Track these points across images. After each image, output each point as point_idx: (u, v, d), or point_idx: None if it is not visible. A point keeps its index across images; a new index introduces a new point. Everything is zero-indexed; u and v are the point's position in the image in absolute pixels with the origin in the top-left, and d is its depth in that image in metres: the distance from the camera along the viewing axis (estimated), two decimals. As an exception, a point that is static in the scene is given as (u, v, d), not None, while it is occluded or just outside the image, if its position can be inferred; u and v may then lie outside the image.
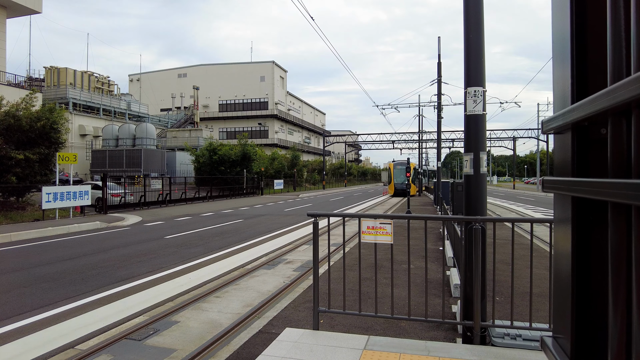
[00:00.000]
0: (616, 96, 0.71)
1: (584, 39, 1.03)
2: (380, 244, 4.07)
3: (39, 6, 28.42)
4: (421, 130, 39.71)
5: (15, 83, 28.95)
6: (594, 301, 0.99)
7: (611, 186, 0.74)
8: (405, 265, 7.64)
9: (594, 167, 1.00)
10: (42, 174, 17.73)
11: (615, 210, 0.78)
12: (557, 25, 1.17)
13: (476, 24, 4.15)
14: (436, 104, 24.15)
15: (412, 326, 4.92)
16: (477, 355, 3.37)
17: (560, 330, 1.10)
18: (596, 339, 0.97)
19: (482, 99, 4.12)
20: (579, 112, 0.91)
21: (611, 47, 0.82)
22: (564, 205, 1.08)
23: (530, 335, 3.68)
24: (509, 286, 4.53)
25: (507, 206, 25.51)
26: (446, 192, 20.09)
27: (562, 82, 1.12)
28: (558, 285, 1.13)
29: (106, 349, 4.47)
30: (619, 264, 0.77)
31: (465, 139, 4.27)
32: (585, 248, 1.01)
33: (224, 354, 4.24)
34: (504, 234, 10.19)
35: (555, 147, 1.16)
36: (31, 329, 5.07)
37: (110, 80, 51.30)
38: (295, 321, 5.10)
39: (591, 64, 1.02)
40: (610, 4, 0.82)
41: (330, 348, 3.58)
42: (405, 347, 3.58)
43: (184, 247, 10.64)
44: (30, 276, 7.61)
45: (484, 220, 3.84)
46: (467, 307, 3.92)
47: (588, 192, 0.87)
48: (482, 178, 4.16)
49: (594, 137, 1.01)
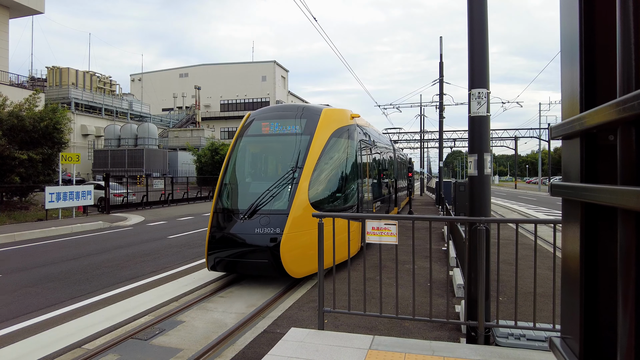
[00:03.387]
0: (626, 108, 0.74)
1: (593, 46, 1.05)
2: (383, 245, 4.10)
3: (41, 6, 28.47)
4: (423, 130, 39.68)
5: (17, 83, 29.02)
6: (602, 303, 1.02)
7: (622, 193, 0.77)
8: (408, 266, 7.67)
9: (602, 173, 1.03)
10: (45, 174, 17.79)
11: (625, 216, 0.81)
12: (565, 33, 1.19)
13: (480, 27, 4.17)
14: (438, 103, 24.13)
15: (416, 326, 4.95)
16: (482, 355, 3.40)
17: (568, 331, 1.13)
18: (605, 339, 1.00)
19: (486, 101, 4.15)
20: (589, 121, 0.93)
21: (620, 56, 0.84)
22: (572, 210, 1.11)
23: (535, 335, 3.70)
24: (512, 286, 4.56)
25: (509, 206, 25.49)
26: (448, 192, 20.09)
27: (571, 89, 1.14)
28: (566, 287, 1.16)
29: (113, 349, 4.50)
30: (629, 267, 0.79)
31: (469, 140, 4.30)
32: (592, 251, 1.04)
33: (230, 354, 4.27)
34: (506, 234, 10.20)
35: (564, 153, 1.19)
36: (38, 328, 5.11)
37: (112, 80, 51.40)
38: (300, 321, 5.13)
39: (600, 71, 1.05)
40: (619, 13, 0.84)
41: (336, 348, 3.61)
42: (410, 346, 3.61)
43: (186, 247, 10.68)
44: (35, 276, 7.65)
45: (488, 221, 3.87)
46: (471, 307, 3.94)
47: (598, 199, 0.90)
48: (486, 179, 4.18)
49: (601, 144, 1.04)
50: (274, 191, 7.05)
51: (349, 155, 8.33)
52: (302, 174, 7.12)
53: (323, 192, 7.50)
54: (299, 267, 6.71)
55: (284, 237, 6.50)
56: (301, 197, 6.91)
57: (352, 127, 8.65)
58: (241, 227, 6.82)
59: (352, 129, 8.62)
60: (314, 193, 7.20)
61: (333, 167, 7.88)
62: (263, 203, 6.93)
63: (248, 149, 8.33)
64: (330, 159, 7.81)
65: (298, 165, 7.27)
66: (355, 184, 8.48)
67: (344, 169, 8.14)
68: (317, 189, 7.34)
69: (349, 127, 8.54)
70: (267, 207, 6.90)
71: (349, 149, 8.37)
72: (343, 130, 8.27)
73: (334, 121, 8.13)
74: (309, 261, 6.67)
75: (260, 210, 6.87)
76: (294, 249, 6.62)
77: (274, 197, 6.99)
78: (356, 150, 8.69)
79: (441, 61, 22.87)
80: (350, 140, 8.46)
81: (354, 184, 8.43)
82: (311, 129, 7.65)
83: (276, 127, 7.94)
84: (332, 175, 7.83)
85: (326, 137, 7.68)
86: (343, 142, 8.23)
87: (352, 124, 8.73)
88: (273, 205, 6.94)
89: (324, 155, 7.52)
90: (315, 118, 7.83)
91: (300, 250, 6.70)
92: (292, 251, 6.56)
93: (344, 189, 8.06)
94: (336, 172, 7.95)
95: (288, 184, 7.12)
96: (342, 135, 8.21)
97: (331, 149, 7.80)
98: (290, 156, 7.57)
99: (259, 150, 8.58)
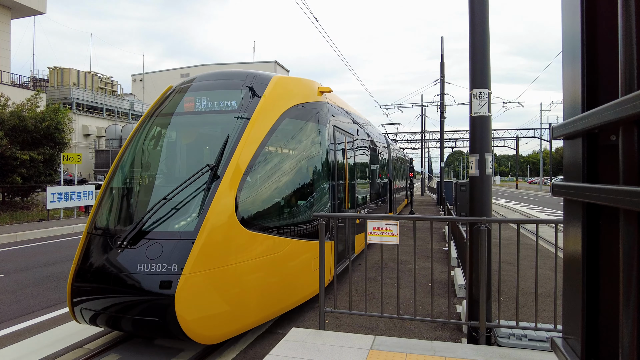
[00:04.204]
0: (628, 108, 0.74)
1: (595, 46, 1.05)
2: (384, 245, 4.10)
3: (43, 7, 28.54)
4: (424, 130, 39.67)
5: (19, 83, 29.10)
6: (604, 303, 1.02)
7: (624, 193, 0.77)
8: (409, 266, 7.67)
9: (604, 173, 1.02)
10: (47, 174, 17.84)
11: (627, 216, 0.80)
12: (567, 32, 1.19)
13: (481, 27, 4.17)
14: (439, 103, 24.12)
15: (417, 326, 4.95)
16: (483, 356, 3.40)
17: (570, 331, 1.13)
18: (607, 340, 1.00)
19: (487, 101, 4.15)
20: (591, 121, 0.93)
21: (623, 56, 0.84)
22: (574, 210, 1.11)
23: (536, 336, 3.70)
24: (513, 286, 4.56)
25: (511, 206, 25.47)
26: (449, 192, 20.10)
27: (573, 89, 1.14)
28: (568, 287, 1.15)
29: (114, 349, 4.51)
30: (631, 267, 0.79)
31: (471, 140, 4.30)
32: (594, 251, 1.04)
33: (232, 354, 4.28)
34: (507, 234, 10.19)
35: (566, 153, 1.19)
36: (39, 328, 5.12)
37: (114, 81, 51.48)
38: (301, 321, 5.13)
39: (602, 71, 1.04)
40: (621, 12, 0.84)
41: (337, 348, 3.61)
42: (411, 347, 3.60)
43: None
44: (36, 276, 7.67)
45: (489, 222, 3.87)
46: (472, 307, 3.94)
47: (600, 199, 0.90)
48: (487, 179, 4.18)
49: (603, 144, 1.03)
50: (176, 202, 4.42)
51: (313, 145, 5.89)
52: (226, 174, 4.45)
53: (263, 202, 4.94)
54: (214, 328, 4.09)
55: (183, 281, 3.84)
56: (220, 211, 4.30)
57: (319, 106, 6.17)
58: (118, 261, 4.19)
59: (319, 109, 6.14)
60: (247, 204, 4.64)
61: (284, 163, 5.39)
62: (155, 221, 4.31)
63: (156, 135, 5.65)
64: (280, 151, 5.38)
65: (222, 161, 4.59)
66: (323, 187, 5.98)
67: (304, 166, 5.72)
68: (253, 198, 4.79)
69: (315, 105, 6.08)
70: (161, 228, 4.30)
71: (313, 136, 5.93)
72: (304, 110, 5.84)
73: (290, 95, 5.68)
74: (233, 318, 4.24)
75: (150, 234, 4.24)
76: (204, 300, 4.02)
77: (175, 211, 4.39)
78: (327, 140, 6.17)
79: (442, 61, 22.86)
80: (316, 125, 6.00)
81: (321, 187, 5.94)
82: (252, 106, 5.05)
83: (204, 102, 5.28)
84: (282, 176, 5.30)
85: (274, 117, 5.14)
86: (304, 126, 5.80)
87: (319, 101, 6.22)
88: (170, 225, 4.34)
89: (269, 145, 5.04)
90: (259, 89, 5.27)
91: (216, 300, 4.14)
92: (199, 303, 3.97)
93: (304, 196, 5.59)
94: (290, 172, 5.45)
95: (201, 191, 4.45)
96: (303, 116, 5.80)
97: (282, 136, 5.34)
98: (215, 147, 4.94)
99: (172, 137, 5.73)
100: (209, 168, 4.55)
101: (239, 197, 4.50)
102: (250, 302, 4.42)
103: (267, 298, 4.68)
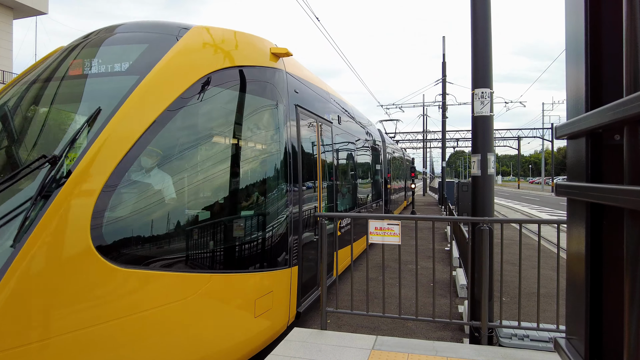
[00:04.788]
0: (633, 107, 0.74)
1: (599, 45, 1.05)
2: (386, 245, 4.10)
3: (45, 7, 28.61)
4: (425, 130, 39.64)
5: (21, 83, 29.16)
6: (608, 303, 1.01)
7: (629, 193, 0.76)
8: (411, 266, 7.66)
9: (608, 173, 1.02)
10: (49, 174, 17.89)
11: (632, 216, 0.80)
12: (571, 32, 1.19)
13: (483, 26, 4.17)
14: (441, 103, 24.11)
15: (419, 326, 4.94)
16: (485, 356, 3.39)
17: (573, 332, 1.12)
18: (611, 340, 0.99)
19: (490, 101, 4.14)
20: (595, 120, 0.93)
21: (627, 55, 0.83)
22: (577, 210, 1.10)
23: (538, 336, 3.69)
24: (515, 287, 4.55)
25: (513, 206, 25.44)
26: (451, 192, 20.08)
27: (576, 88, 1.13)
28: (572, 287, 1.15)
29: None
30: (635, 268, 0.79)
31: (473, 140, 4.29)
32: (598, 251, 1.04)
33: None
34: (509, 234, 10.18)
35: (569, 153, 1.18)
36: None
37: (115, 81, 51.56)
38: (303, 321, 5.13)
39: (606, 70, 1.04)
40: (626, 12, 0.84)
41: (338, 348, 3.61)
42: (413, 347, 3.60)
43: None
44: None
45: (491, 221, 3.86)
46: (474, 307, 3.94)
47: (604, 199, 0.90)
48: (489, 179, 4.18)
49: (607, 143, 1.03)
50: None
51: (257, 129, 4.25)
52: (77, 171, 2.70)
53: (153, 215, 3.19)
54: None
55: None
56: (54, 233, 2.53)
57: (270, 74, 4.35)
58: None
59: (270, 78, 4.33)
60: (117, 220, 2.87)
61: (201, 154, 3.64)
62: None
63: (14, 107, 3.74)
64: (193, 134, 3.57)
65: (77, 150, 2.97)
66: (273, 191, 4.23)
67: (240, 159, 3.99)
68: (130, 209, 3.01)
69: (264, 72, 4.27)
70: None
71: (259, 115, 4.26)
72: (244, 76, 3.99)
73: (218, 54, 3.90)
74: None
75: None
76: None
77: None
78: (282, 122, 4.38)
79: (444, 61, 22.86)
80: (265, 100, 4.27)
81: (270, 191, 4.19)
82: (147, 67, 3.35)
83: (97, 63, 3.58)
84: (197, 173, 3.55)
85: (184, 84, 3.39)
86: (242, 99, 4.02)
87: (272, 67, 4.39)
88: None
89: (173, 124, 3.31)
90: (167, 44, 3.57)
91: None
92: None
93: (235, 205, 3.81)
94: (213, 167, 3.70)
95: (26, 201, 2.67)
96: (240, 84, 3.97)
97: (199, 113, 3.58)
98: (74, 129, 3.29)
99: (28, 111, 3.72)
100: (46, 161, 2.78)
101: (101, 208, 2.73)
102: None
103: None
